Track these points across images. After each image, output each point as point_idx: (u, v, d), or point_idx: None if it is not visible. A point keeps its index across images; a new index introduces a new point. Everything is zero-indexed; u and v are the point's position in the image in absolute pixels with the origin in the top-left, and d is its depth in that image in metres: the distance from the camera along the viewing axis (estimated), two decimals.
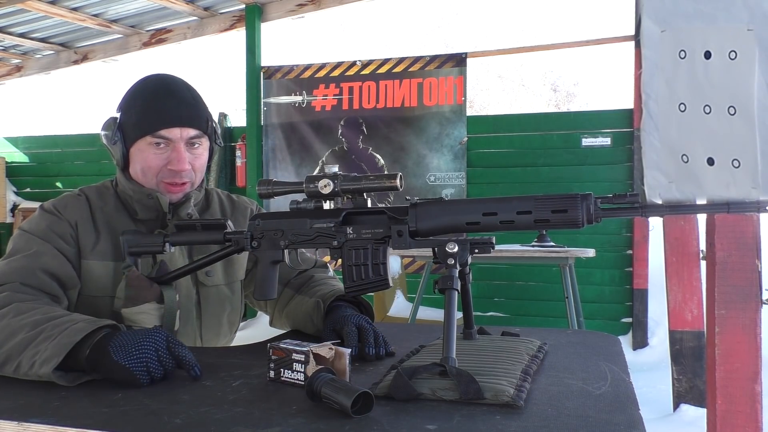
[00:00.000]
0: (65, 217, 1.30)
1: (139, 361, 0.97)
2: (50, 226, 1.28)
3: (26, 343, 1.02)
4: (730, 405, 2.03)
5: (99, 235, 1.31)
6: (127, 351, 0.97)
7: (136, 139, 1.32)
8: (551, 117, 6.20)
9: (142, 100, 1.32)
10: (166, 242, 1.25)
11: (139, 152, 1.33)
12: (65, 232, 1.29)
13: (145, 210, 1.35)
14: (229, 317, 1.46)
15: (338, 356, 0.95)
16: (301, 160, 5.61)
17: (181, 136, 1.32)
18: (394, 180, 1.06)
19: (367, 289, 1.09)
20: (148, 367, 0.97)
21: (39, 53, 6.82)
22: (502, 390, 0.86)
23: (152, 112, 1.31)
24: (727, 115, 0.94)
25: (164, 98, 1.32)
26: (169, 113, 1.31)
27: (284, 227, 1.16)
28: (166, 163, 1.32)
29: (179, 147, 1.32)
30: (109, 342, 0.99)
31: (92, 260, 1.29)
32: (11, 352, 1.03)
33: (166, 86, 1.34)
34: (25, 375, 1.01)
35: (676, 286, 3.45)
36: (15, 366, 1.02)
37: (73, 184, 6.68)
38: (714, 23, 0.94)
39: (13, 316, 1.08)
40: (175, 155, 1.32)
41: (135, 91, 1.35)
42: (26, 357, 1.01)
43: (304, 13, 5.67)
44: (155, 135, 1.30)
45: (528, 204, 0.99)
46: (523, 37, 15.34)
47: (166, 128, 1.30)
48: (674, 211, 0.97)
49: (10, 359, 1.03)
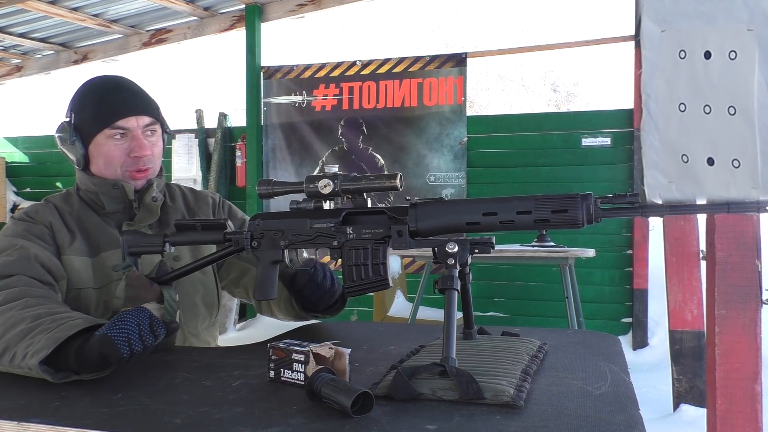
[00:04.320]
0: (38, 220, 1.36)
1: (121, 331, 0.99)
2: (27, 230, 1.33)
3: (24, 334, 1.05)
4: (730, 405, 2.03)
5: (73, 234, 1.37)
6: (110, 324, 1.00)
7: (94, 135, 1.38)
8: (551, 117, 6.20)
9: (93, 98, 1.38)
10: (166, 242, 1.25)
11: (99, 147, 1.38)
12: (42, 233, 1.34)
13: (111, 201, 1.40)
14: (204, 299, 1.50)
15: (338, 356, 0.95)
16: (301, 160, 5.61)
17: (138, 124, 1.38)
18: (394, 180, 1.06)
19: (367, 289, 1.09)
20: (129, 338, 0.99)
21: (39, 53, 6.82)
22: (502, 390, 0.86)
23: (106, 105, 1.37)
24: (727, 115, 0.94)
25: (115, 92, 1.38)
26: (122, 104, 1.37)
27: (284, 227, 1.16)
28: (128, 152, 1.38)
29: (137, 134, 1.38)
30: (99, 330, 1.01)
31: (71, 255, 1.34)
32: (9, 342, 1.05)
33: (113, 81, 1.41)
34: (18, 367, 1.02)
35: (676, 286, 3.45)
36: (11, 356, 1.03)
37: (73, 184, 6.67)
38: (714, 23, 0.94)
39: (20, 309, 1.11)
40: (136, 143, 1.38)
41: (83, 92, 1.41)
42: (21, 348, 1.03)
43: (304, 13, 5.67)
44: (113, 127, 1.36)
45: (528, 204, 0.99)
46: (523, 37, 15.35)
47: (123, 118, 1.36)
48: (674, 211, 0.97)
49: (8, 349, 1.05)
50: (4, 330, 1.08)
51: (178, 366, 1.10)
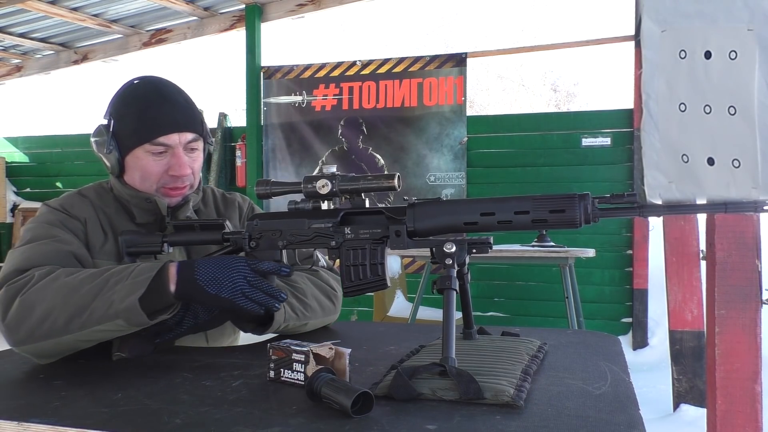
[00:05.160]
0: (74, 214, 1.30)
1: (224, 286, 1.06)
2: (63, 222, 1.28)
3: (95, 291, 1.06)
4: (730, 405, 2.03)
5: (106, 235, 1.32)
6: (219, 283, 1.06)
7: (132, 148, 1.31)
8: (551, 117, 6.20)
9: (135, 108, 1.30)
10: (164, 242, 1.25)
11: (137, 160, 1.31)
12: (77, 229, 1.29)
13: (143, 214, 1.35)
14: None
15: (338, 356, 0.95)
16: (301, 160, 5.61)
17: (180, 140, 1.31)
18: (392, 180, 1.06)
19: (365, 289, 1.09)
20: (244, 293, 1.06)
21: (39, 53, 6.82)
22: (502, 390, 0.86)
23: (148, 119, 1.29)
24: (727, 115, 0.94)
25: (159, 104, 1.30)
26: (165, 119, 1.29)
27: (282, 227, 1.15)
28: (167, 169, 1.32)
29: (179, 152, 1.31)
30: (195, 276, 1.06)
31: (101, 259, 1.29)
32: (80, 303, 1.06)
33: (158, 91, 1.32)
34: (98, 321, 1.05)
35: (676, 286, 3.45)
36: (86, 316, 1.05)
37: (73, 184, 6.67)
38: (714, 23, 0.94)
39: (66, 276, 1.10)
40: (175, 161, 1.31)
41: (126, 98, 1.33)
42: (99, 302, 1.05)
43: (304, 13, 5.67)
44: (154, 143, 1.29)
45: (526, 204, 0.99)
46: (523, 37, 15.35)
47: (165, 135, 1.29)
48: (672, 210, 0.97)
49: (83, 309, 1.05)
50: (65, 295, 1.07)
51: (178, 366, 1.10)
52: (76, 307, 1.06)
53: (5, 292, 1.11)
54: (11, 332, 1.09)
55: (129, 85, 1.35)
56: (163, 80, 1.37)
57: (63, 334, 1.07)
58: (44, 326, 1.07)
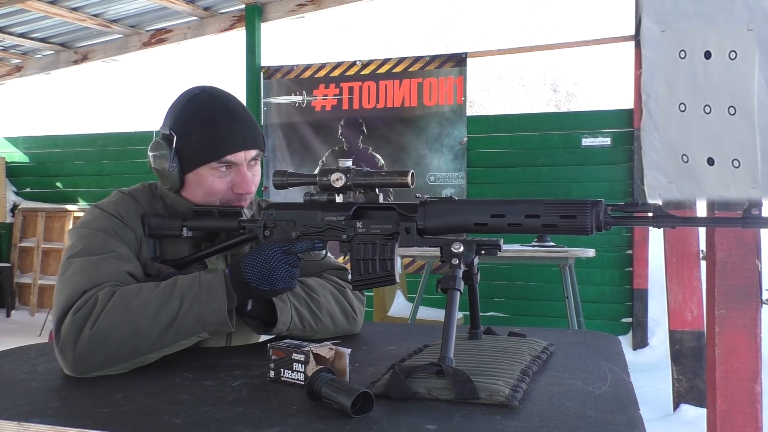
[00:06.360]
0: (129, 224, 1.25)
1: (276, 278, 1.12)
2: (117, 232, 1.23)
3: (173, 312, 1.09)
4: (730, 405, 2.03)
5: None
6: (270, 279, 1.12)
7: (198, 166, 1.27)
8: (551, 117, 6.20)
9: (201, 125, 1.26)
10: (183, 226, 1.26)
11: (201, 177, 1.28)
12: (131, 241, 1.25)
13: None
14: None
15: (338, 356, 0.95)
16: (301, 160, 5.61)
17: (245, 158, 1.28)
18: (406, 177, 1.07)
19: (374, 283, 1.10)
20: (292, 277, 1.15)
21: (39, 53, 6.82)
22: (497, 390, 0.86)
23: (216, 137, 1.26)
24: (727, 115, 0.94)
25: (226, 122, 1.27)
26: (233, 138, 1.26)
27: (296, 218, 1.16)
28: (231, 185, 1.29)
29: (243, 170, 1.28)
30: (246, 279, 1.12)
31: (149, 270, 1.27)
32: (162, 323, 1.08)
33: (223, 106, 1.29)
34: (183, 338, 1.09)
35: (676, 286, 3.45)
36: (170, 335, 1.08)
37: (73, 184, 6.68)
38: (714, 23, 0.94)
39: (134, 298, 1.10)
40: (240, 178, 1.28)
41: (190, 112, 1.28)
42: (183, 320, 1.08)
43: (304, 13, 5.67)
44: (221, 161, 1.26)
45: (537, 208, 0.98)
46: (523, 37, 15.34)
47: (232, 153, 1.26)
48: (687, 222, 0.95)
49: (164, 331, 1.08)
50: (139, 316, 1.07)
51: (178, 366, 1.10)
52: (160, 327, 1.07)
53: (72, 322, 1.07)
54: (83, 363, 1.05)
55: (190, 96, 1.30)
56: (226, 93, 1.33)
57: (146, 354, 1.08)
58: (124, 351, 1.06)
